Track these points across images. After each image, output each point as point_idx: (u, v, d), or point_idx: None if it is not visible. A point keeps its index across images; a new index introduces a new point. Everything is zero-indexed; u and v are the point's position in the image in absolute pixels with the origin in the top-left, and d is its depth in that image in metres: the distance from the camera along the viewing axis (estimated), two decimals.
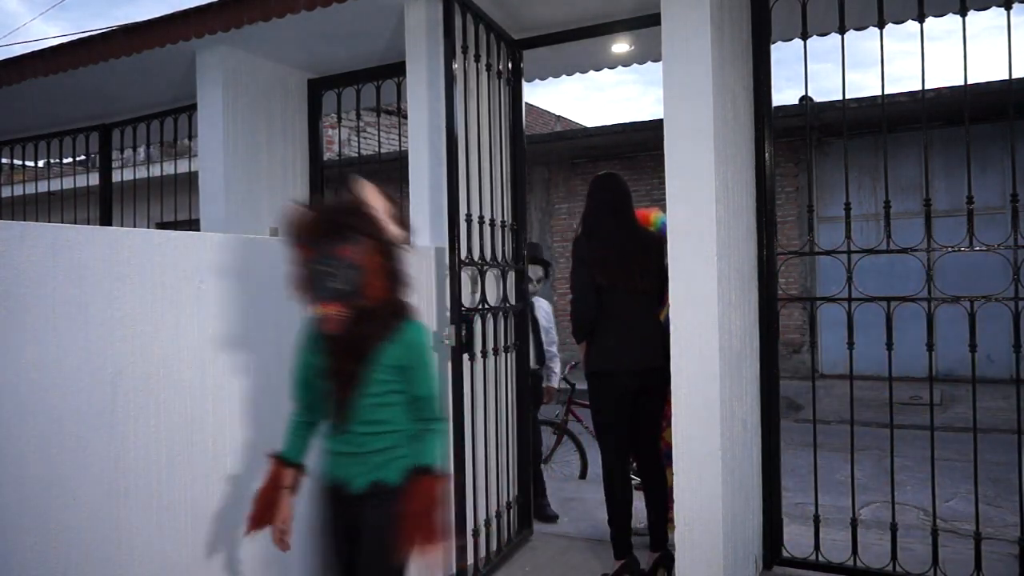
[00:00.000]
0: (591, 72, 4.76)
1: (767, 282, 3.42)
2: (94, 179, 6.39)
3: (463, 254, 3.20)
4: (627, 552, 3.33)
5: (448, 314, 3.19)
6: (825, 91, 44.80)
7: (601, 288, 3.30)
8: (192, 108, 4.71)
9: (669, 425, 3.00)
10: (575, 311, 3.39)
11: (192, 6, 4.04)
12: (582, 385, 4.85)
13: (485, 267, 3.40)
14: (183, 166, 5.56)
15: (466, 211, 3.28)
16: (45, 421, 1.78)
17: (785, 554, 3.40)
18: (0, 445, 1.70)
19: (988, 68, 4.77)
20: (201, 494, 2.18)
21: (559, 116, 19.01)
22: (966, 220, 3.03)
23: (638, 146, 10.61)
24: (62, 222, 2.30)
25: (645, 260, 3.31)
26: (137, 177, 7.10)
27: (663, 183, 2.96)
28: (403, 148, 3.78)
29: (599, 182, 3.50)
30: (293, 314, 2.49)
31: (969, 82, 3.07)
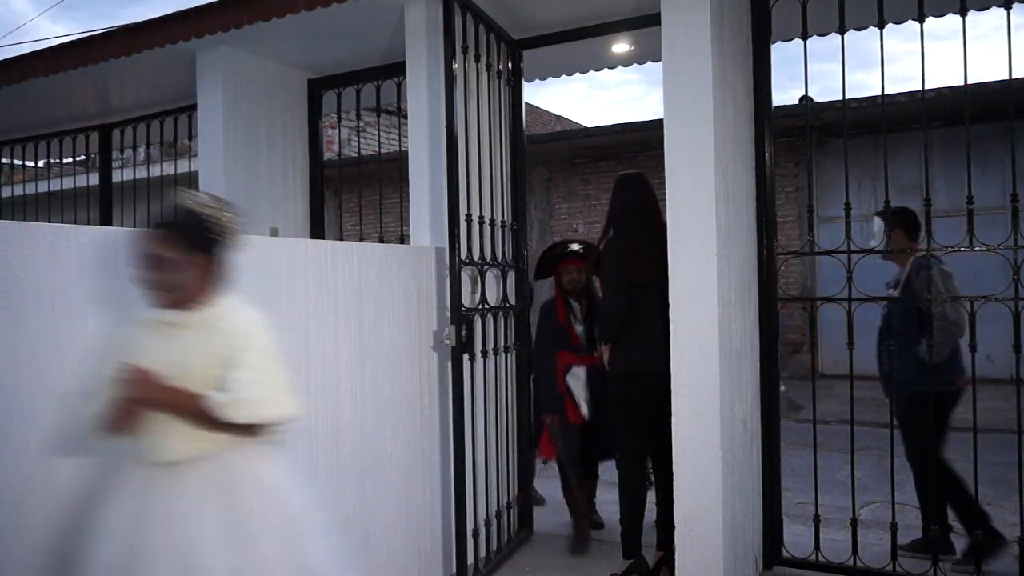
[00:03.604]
0: (592, 72, 4.77)
1: (767, 282, 3.42)
2: (94, 179, 6.39)
3: (463, 254, 3.20)
4: (637, 552, 3.33)
5: (448, 314, 3.19)
6: (829, 91, 44.78)
7: (631, 285, 3.28)
8: (192, 108, 4.71)
9: None
10: (607, 311, 3.37)
11: (192, 6, 4.05)
12: None
13: (485, 267, 3.40)
14: (183, 166, 5.56)
15: (466, 211, 3.28)
16: (46, 421, 1.78)
17: (785, 554, 3.40)
18: (0, 445, 1.70)
19: (991, 68, 4.77)
20: None
21: (559, 116, 19.00)
22: (966, 220, 3.03)
23: (638, 146, 10.59)
24: (62, 222, 2.29)
25: (666, 259, 3.27)
26: (137, 177, 7.09)
27: (663, 183, 2.96)
28: (403, 148, 3.78)
29: (625, 180, 3.49)
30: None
31: (971, 82, 3.08)
